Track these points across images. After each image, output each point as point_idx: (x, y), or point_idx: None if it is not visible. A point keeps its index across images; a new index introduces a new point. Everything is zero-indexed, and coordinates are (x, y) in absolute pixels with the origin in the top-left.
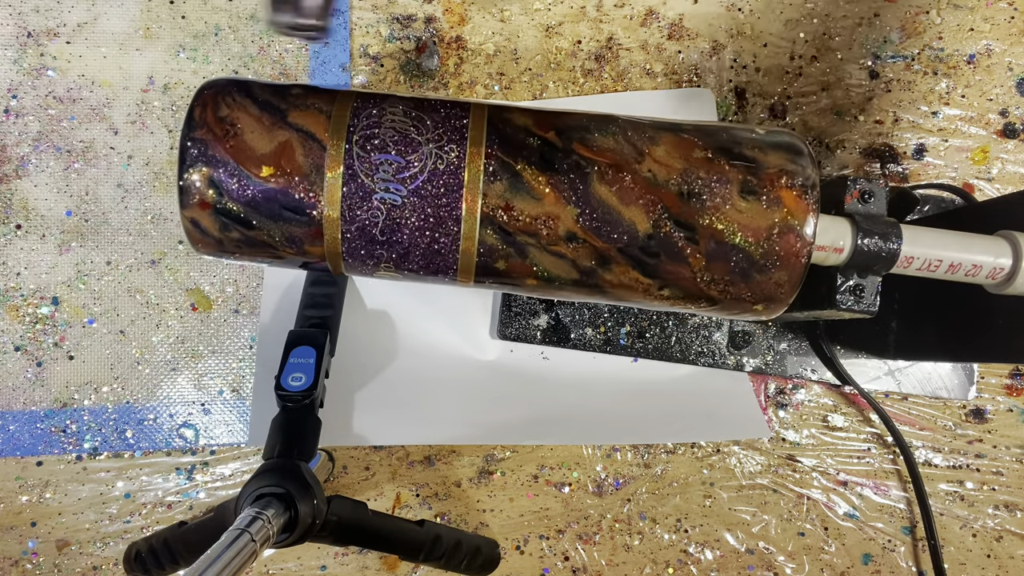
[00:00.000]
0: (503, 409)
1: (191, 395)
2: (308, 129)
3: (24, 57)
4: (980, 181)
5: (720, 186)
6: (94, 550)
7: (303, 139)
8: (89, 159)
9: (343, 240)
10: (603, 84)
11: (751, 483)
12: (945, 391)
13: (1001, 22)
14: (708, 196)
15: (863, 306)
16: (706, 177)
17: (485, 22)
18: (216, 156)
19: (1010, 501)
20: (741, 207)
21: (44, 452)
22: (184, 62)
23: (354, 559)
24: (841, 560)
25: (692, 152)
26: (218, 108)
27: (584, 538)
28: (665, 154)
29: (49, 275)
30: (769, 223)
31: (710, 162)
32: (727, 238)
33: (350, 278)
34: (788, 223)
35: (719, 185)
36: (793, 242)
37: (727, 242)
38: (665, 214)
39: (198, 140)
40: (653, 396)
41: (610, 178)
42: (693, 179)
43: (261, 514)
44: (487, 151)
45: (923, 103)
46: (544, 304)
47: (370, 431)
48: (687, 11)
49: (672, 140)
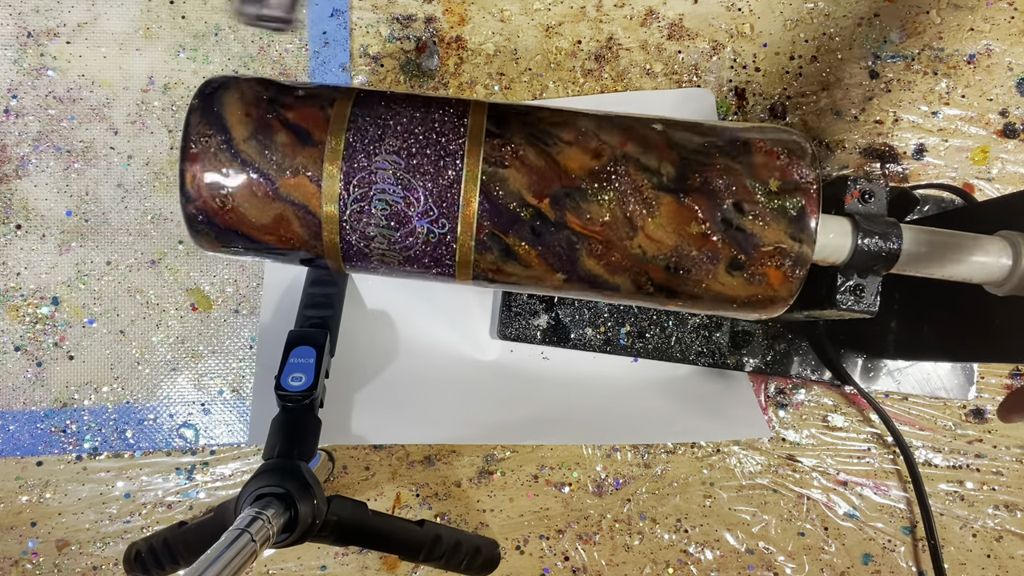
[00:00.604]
0: (503, 409)
1: (191, 395)
2: (302, 202)
3: (24, 57)
4: (980, 181)
5: (708, 263)
6: (94, 550)
7: (297, 211)
8: (89, 159)
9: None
10: (603, 84)
11: (751, 483)
12: (945, 391)
13: (1001, 22)
14: (694, 271)
15: (863, 306)
16: (696, 255)
17: (485, 22)
18: (217, 223)
19: (1010, 501)
20: (725, 281)
21: (44, 452)
22: (184, 62)
23: (354, 559)
24: (841, 560)
25: (688, 226)
26: (206, 170)
27: (584, 538)
28: (659, 227)
29: (49, 275)
30: (750, 295)
31: (704, 238)
32: (704, 297)
33: (350, 278)
34: (769, 297)
35: (708, 262)
36: (770, 308)
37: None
38: (648, 281)
39: (197, 208)
40: (653, 396)
41: (599, 253)
42: (683, 256)
43: (261, 514)
44: (479, 226)
45: (923, 103)
46: (544, 304)
47: (370, 431)
48: (687, 11)
49: (671, 207)
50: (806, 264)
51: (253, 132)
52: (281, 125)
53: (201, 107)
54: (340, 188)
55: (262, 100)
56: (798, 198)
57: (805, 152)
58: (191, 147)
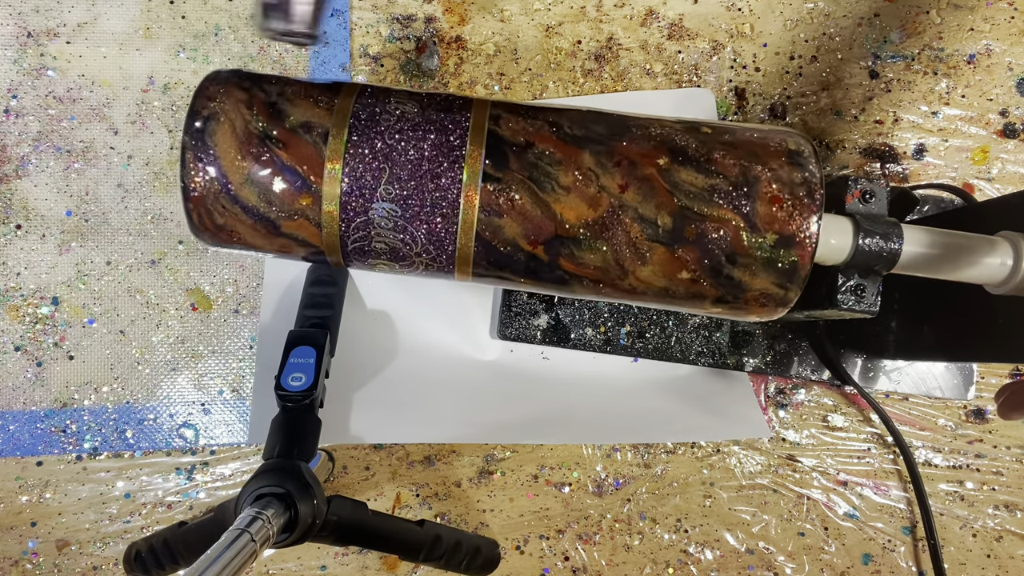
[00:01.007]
0: (503, 409)
1: (191, 395)
2: (304, 238)
3: (24, 57)
4: (980, 181)
5: (695, 301)
6: (94, 550)
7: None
8: (89, 159)
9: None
10: (603, 84)
11: (751, 483)
12: (945, 391)
13: (1001, 22)
14: (680, 305)
15: (864, 306)
16: (684, 295)
17: (485, 22)
18: (223, 245)
19: (1010, 501)
20: (709, 308)
21: (44, 452)
22: (184, 62)
23: (354, 559)
24: (841, 560)
25: (679, 272)
26: (212, 215)
27: (584, 538)
28: (650, 273)
29: (49, 275)
30: (733, 315)
31: (693, 283)
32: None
33: (350, 278)
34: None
35: (695, 300)
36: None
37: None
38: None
39: (204, 235)
40: (653, 396)
41: (590, 287)
42: (672, 294)
43: (261, 514)
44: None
45: (923, 103)
46: (544, 304)
47: (370, 430)
48: (687, 11)
49: (663, 257)
50: (789, 304)
51: (248, 177)
52: (278, 170)
53: (195, 145)
54: (340, 230)
55: (253, 136)
56: (792, 254)
57: (813, 196)
58: (192, 190)
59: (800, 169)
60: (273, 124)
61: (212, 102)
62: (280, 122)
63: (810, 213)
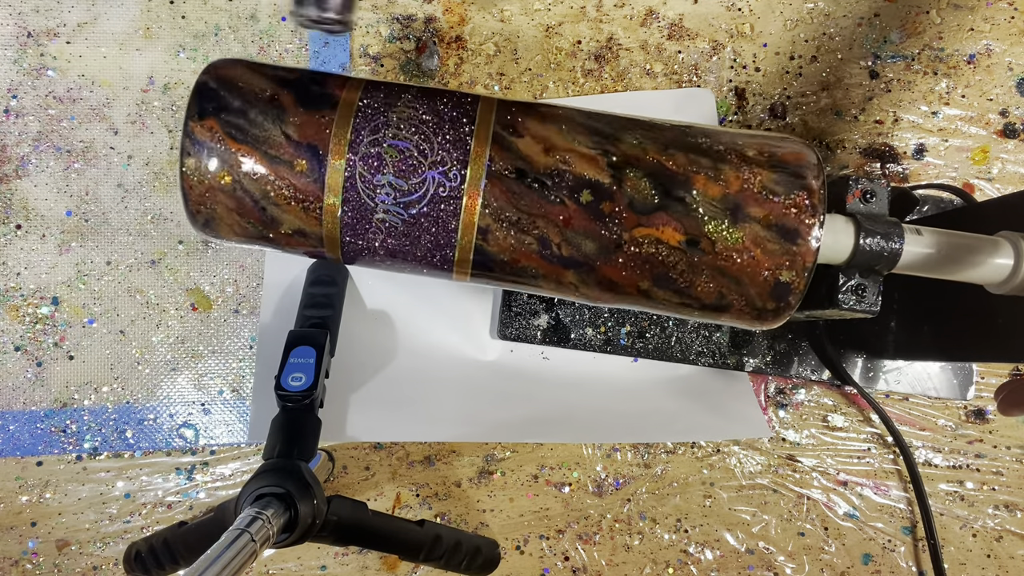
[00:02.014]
0: (503, 408)
1: (191, 395)
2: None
3: (24, 57)
4: (980, 181)
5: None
6: (94, 550)
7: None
8: (89, 159)
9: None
10: (603, 84)
11: (751, 483)
12: (945, 391)
13: (1001, 22)
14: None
15: (865, 306)
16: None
17: (485, 22)
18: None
19: (1010, 501)
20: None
21: (44, 452)
22: (184, 62)
23: (354, 559)
24: (841, 560)
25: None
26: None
27: (584, 538)
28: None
29: (49, 275)
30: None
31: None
32: None
33: (350, 278)
34: None
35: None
36: None
37: None
38: None
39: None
40: (653, 396)
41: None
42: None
43: (261, 514)
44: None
45: (923, 103)
46: (544, 304)
47: (370, 430)
48: (687, 11)
49: None
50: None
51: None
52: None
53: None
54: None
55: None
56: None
57: (808, 258)
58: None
59: (803, 245)
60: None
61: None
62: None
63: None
